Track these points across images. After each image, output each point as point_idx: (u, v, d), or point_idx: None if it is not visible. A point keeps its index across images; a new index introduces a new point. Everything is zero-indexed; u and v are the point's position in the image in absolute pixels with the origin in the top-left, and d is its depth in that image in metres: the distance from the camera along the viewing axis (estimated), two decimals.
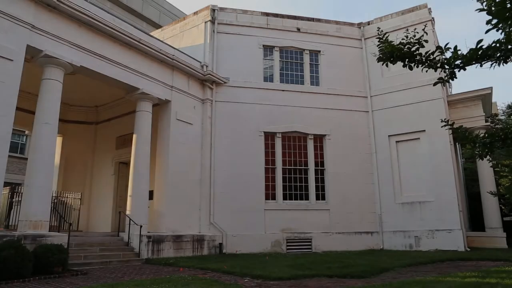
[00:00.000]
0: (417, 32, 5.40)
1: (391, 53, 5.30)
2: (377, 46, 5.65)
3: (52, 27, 10.85)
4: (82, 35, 11.64)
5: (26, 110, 13.22)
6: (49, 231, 10.19)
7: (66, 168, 17.92)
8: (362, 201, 16.64)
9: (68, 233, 10.18)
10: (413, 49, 5.25)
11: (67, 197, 16.27)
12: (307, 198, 16.33)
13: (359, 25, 18.90)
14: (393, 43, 5.37)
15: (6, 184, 10.24)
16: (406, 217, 16.04)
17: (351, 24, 19.01)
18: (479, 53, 4.57)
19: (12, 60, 9.72)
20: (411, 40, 5.28)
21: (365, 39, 18.56)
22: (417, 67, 5.37)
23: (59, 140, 16.32)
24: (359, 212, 16.47)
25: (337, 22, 18.84)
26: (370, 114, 17.72)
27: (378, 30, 6.04)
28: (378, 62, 5.61)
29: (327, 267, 10.04)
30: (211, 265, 10.51)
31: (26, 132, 25.90)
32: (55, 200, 14.66)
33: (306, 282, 8.13)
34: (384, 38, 5.46)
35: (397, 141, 17.02)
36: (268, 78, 17.50)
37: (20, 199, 12.19)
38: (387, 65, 5.69)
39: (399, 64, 5.47)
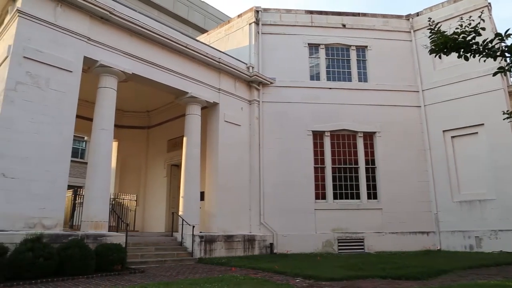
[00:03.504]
0: (473, 20, 5.12)
1: (444, 44, 5.06)
2: (429, 37, 5.42)
3: (106, 38, 11.47)
4: (132, 44, 12.19)
5: (85, 117, 14.01)
6: (108, 231, 10.76)
7: (122, 171, 18.83)
8: (416, 200, 15.97)
9: (125, 233, 10.65)
10: (469, 38, 4.98)
11: (123, 199, 17.11)
12: (358, 197, 15.96)
13: (408, 17, 18.19)
14: (446, 33, 5.12)
15: (69, 187, 10.97)
16: (465, 216, 15.18)
17: (399, 17, 18.35)
18: None
19: (71, 71, 10.41)
20: (466, 28, 5.01)
21: (414, 31, 17.83)
22: (474, 57, 5.08)
23: (115, 144, 17.19)
24: (413, 211, 15.82)
25: (384, 16, 18.28)
26: (423, 109, 16.99)
27: (429, 21, 5.77)
28: (430, 54, 5.39)
29: (380, 268, 9.75)
30: (262, 265, 10.57)
31: (85, 138, 27.57)
32: (113, 202, 15.45)
33: (359, 283, 7.95)
34: (436, 29, 5.23)
35: (452, 136, 16.15)
36: (315, 77, 17.31)
37: (81, 201, 12.98)
38: (440, 57, 5.42)
39: (453, 55, 5.21)
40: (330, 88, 16.93)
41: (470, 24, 5.01)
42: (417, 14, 17.99)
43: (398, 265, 10.15)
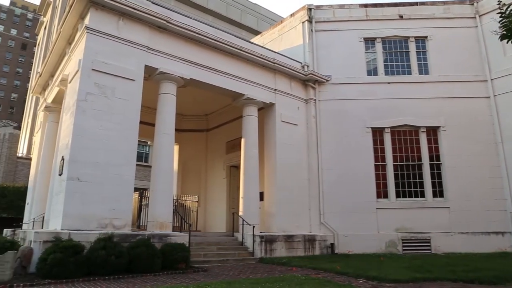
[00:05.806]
0: None
1: None
2: (499, 22, 5.01)
3: (164, 46, 12.00)
4: (189, 50, 12.62)
5: (147, 123, 14.73)
6: (172, 231, 11.20)
7: (183, 173, 19.56)
8: (488, 197, 14.85)
9: (188, 233, 11.06)
10: None
11: (185, 200, 17.74)
12: (422, 195, 15.19)
13: (472, 1, 16.96)
14: None
15: (135, 189, 11.59)
16: None
17: (462, 2, 17.20)
18: None
19: (134, 80, 11.01)
20: None
21: (480, 16, 16.60)
22: None
23: (176, 148, 17.88)
24: (485, 210, 14.74)
25: (444, 3, 17.24)
26: (492, 99, 15.76)
27: (498, 4, 5.34)
28: (501, 40, 4.98)
29: (450, 270, 9.22)
30: (323, 265, 10.44)
31: (149, 142, 28.96)
32: (176, 203, 16.07)
33: (427, 285, 7.59)
34: (507, 12, 4.82)
35: None
36: (372, 72, 16.76)
37: (147, 202, 13.65)
38: None
39: None
40: (388, 83, 16.31)
41: None
42: None
43: (469, 268, 9.52)
